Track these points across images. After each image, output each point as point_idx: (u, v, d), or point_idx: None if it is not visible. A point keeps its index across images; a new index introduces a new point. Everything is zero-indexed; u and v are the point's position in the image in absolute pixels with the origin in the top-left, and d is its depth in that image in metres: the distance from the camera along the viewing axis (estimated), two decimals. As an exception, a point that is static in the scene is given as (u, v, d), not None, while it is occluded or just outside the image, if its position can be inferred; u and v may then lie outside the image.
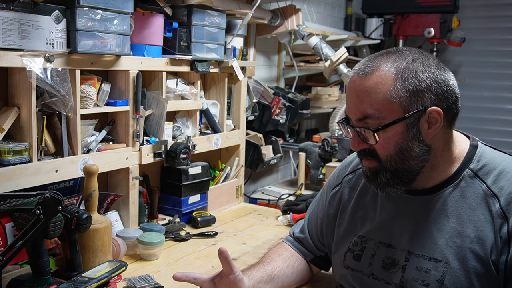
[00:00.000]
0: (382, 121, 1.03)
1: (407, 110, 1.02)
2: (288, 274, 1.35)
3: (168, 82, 1.90)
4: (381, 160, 1.07)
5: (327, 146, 2.66)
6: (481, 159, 1.10)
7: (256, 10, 2.23)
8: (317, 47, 2.64)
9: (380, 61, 1.05)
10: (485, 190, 1.06)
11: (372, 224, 1.20)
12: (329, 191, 1.36)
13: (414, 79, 1.02)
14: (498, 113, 4.18)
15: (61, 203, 1.22)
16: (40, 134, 1.45)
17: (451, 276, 1.04)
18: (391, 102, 1.02)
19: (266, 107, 2.56)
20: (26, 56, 1.35)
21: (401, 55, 1.05)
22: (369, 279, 1.17)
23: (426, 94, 1.02)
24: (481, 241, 1.03)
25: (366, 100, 1.04)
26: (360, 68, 1.07)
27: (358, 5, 3.99)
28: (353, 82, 1.07)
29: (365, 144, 1.08)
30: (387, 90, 1.02)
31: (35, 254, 1.29)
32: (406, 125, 1.03)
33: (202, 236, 1.87)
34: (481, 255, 1.02)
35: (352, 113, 1.08)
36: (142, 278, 1.41)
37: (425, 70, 1.03)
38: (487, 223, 1.03)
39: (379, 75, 1.03)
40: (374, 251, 1.17)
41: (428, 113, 1.03)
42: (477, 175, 1.08)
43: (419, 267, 1.08)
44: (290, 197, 2.56)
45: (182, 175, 1.97)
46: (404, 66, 1.03)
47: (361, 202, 1.25)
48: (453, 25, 3.63)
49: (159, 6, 1.77)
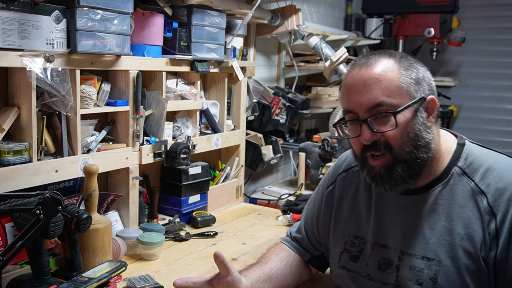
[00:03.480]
0: (395, 107, 1.03)
1: (414, 97, 1.05)
2: (286, 273, 1.35)
3: (168, 82, 1.90)
4: (394, 151, 1.06)
5: (327, 146, 2.66)
6: (468, 157, 1.11)
7: (256, 10, 2.23)
8: (317, 47, 2.64)
9: (377, 56, 1.08)
10: (473, 188, 1.07)
11: (367, 224, 1.21)
12: (324, 189, 1.36)
13: (412, 68, 1.07)
14: (498, 113, 4.18)
15: (61, 203, 1.22)
16: (40, 134, 1.45)
17: (444, 274, 1.05)
18: (402, 88, 1.04)
19: (266, 107, 2.56)
20: (26, 56, 1.35)
21: (390, 52, 1.10)
22: (365, 280, 1.18)
23: (424, 83, 1.08)
24: (471, 238, 1.04)
25: (376, 88, 1.04)
26: (360, 61, 1.09)
27: (358, 5, 3.99)
28: (355, 75, 1.07)
29: (377, 135, 1.05)
30: (396, 77, 1.04)
31: (35, 254, 1.29)
32: (415, 111, 1.05)
33: (202, 236, 1.87)
34: (471, 252, 1.04)
35: (358, 105, 1.06)
36: (142, 278, 1.41)
37: (416, 63, 1.09)
38: (475, 220, 1.05)
39: (384, 64, 1.06)
40: (370, 252, 1.18)
41: (427, 101, 1.07)
42: (465, 173, 1.09)
43: (412, 266, 1.09)
44: (290, 197, 2.56)
45: (182, 175, 1.97)
46: (399, 58, 1.08)
47: (355, 201, 1.25)
48: (453, 25, 3.63)
49: (159, 6, 1.77)
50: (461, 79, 4.15)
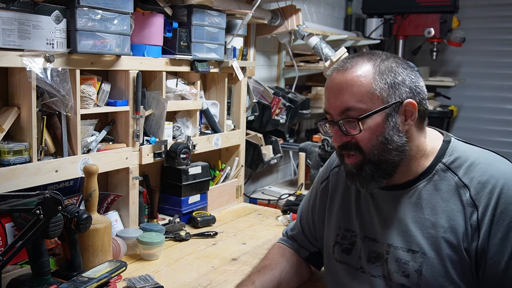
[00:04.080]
0: (363, 112, 1.07)
1: (387, 101, 1.08)
2: (291, 274, 1.37)
3: (168, 82, 1.90)
4: (364, 152, 1.10)
5: (327, 146, 2.66)
6: (453, 153, 1.14)
7: (256, 10, 2.23)
8: (317, 47, 2.63)
9: (357, 59, 1.11)
10: (457, 182, 1.10)
11: (357, 218, 1.24)
12: (318, 185, 1.39)
13: (391, 72, 1.09)
14: (498, 113, 4.18)
15: (61, 203, 1.22)
16: (40, 134, 1.45)
17: (428, 266, 1.08)
18: (372, 93, 1.07)
19: (266, 107, 2.56)
20: (26, 56, 1.35)
21: (375, 54, 1.13)
22: (358, 272, 1.21)
23: (402, 87, 1.09)
24: (454, 229, 1.07)
25: (348, 92, 1.08)
26: (339, 65, 1.13)
27: (358, 5, 3.99)
28: (333, 78, 1.12)
29: (348, 137, 1.11)
30: (368, 82, 1.07)
31: (35, 254, 1.29)
32: (386, 116, 1.08)
33: (202, 236, 1.87)
34: (454, 244, 1.07)
35: (333, 108, 1.11)
36: (142, 278, 1.41)
37: (398, 66, 1.10)
38: (459, 212, 1.08)
39: (360, 69, 1.09)
40: (361, 245, 1.21)
41: (404, 105, 1.09)
42: (449, 168, 1.12)
43: (398, 259, 1.12)
44: (290, 197, 2.56)
45: (182, 175, 1.97)
46: (379, 62, 1.10)
47: (346, 195, 1.28)
48: (453, 25, 3.63)
49: (159, 6, 1.77)
50: (461, 79, 4.15)
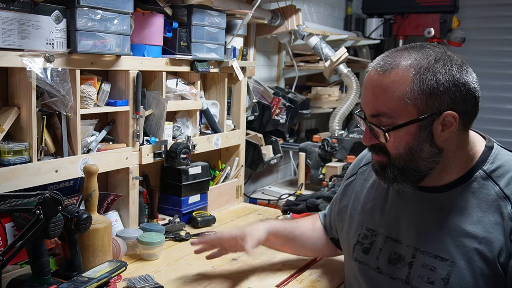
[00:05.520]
0: (395, 120, 1.02)
1: (422, 112, 1.01)
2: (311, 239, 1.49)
3: (168, 82, 1.90)
4: (390, 157, 1.07)
5: (327, 146, 2.66)
6: (495, 161, 1.08)
7: (256, 10, 2.23)
8: (317, 47, 2.64)
9: (400, 58, 1.02)
10: (498, 192, 1.04)
11: (381, 217, 1.20)
12: (345, 180, 1.39)
13: (432, 81, 0.99)
14: (498, 113, 4.18)
15: (61, 203, 1.22)
16: (40, 134, 1.45)
17: (457, 276, 1.03)
18: (406, 103, 1.00)
19: (266, 107, 2.56)
20: (26, 56, 1.35)
21: (424, 53, 1.02)
22: (375, 273, 1.17)
23: (443, 97, 1.00)
24: (489, 242, 1.01)
25: (381, 98, 1.03)
26: (379, 63, 1.05)
27: (358, 5, 3.99)
28: (370, 78, 1.06)
29: (376, 140, 1.08)
30: (403, 90, 1.00)
31: (35, 254, 1.29)
32: (419, 127, 1.02)
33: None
34: (488, 257, 1.01)
35: (367, 108, 1.07)
36: (142, 278, 1.41)
37: (445, 72, 1.00)
38: (497, 225, 1.02)
39: (397, 74, 1.01)
40: (381, 245, 1.17)
41: (443, 116, 1.01)
42: (490, 177, 1.06)
43: (424, 264, 1.07)
44: (290, 197, 2.56)
45: (182, 175, 1.97)
46: (424, 66, 1.00)
47: (372, 194, 1.25)
48: (453, 25, 3.63)
49: (159, 6, 1.77)
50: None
